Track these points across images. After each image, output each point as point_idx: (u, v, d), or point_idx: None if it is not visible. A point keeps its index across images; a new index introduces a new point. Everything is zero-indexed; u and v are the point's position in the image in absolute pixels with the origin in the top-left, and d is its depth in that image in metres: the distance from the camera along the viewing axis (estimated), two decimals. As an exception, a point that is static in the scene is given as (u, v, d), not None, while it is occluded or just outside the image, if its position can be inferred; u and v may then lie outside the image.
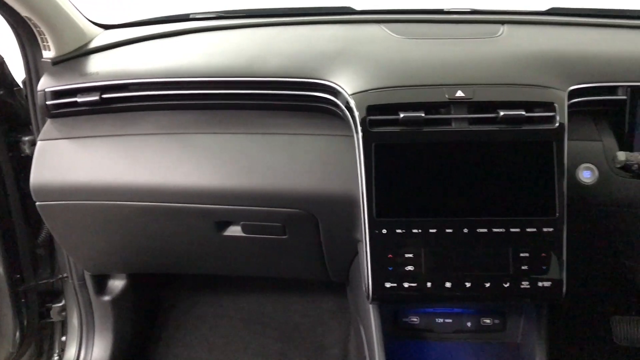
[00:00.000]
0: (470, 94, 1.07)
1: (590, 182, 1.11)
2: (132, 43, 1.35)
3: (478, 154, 1.06)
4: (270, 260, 1.39)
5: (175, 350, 1.81)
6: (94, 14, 1.45)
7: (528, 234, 1.05)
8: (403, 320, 1.24)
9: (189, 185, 1.18)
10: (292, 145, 1.17)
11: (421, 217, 1.07)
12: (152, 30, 1.42)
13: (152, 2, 1.84)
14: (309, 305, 1.86)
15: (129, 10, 1.78)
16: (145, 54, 1.31)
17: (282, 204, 1.18)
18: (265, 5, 1.62)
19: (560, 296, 1.06)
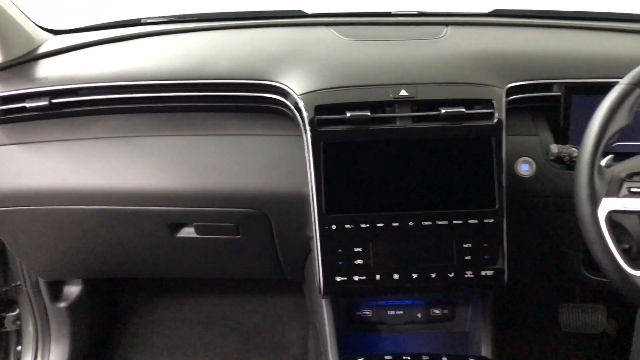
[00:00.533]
0: (413, 93, 1.11)
1: (528, 174, 1.16)
2: (82, 48, 1.35)
3: (422, 150, 1.10)
4: (225, 261, 1.41)
5: (134, 355, 1.81)
6: (43, 19, 1.45)
7: (470, 226, 1.10)
8: (356, 314, 1.27)
9: (140, 187, 1.19)
10: (244, 146, 1.20)
11: (369, 212, 1.10)
12: (103, 35, 1.42)
13: (103, 8, 1.83)
14: (267, 305, 1.88)
15: (80, 15, 1.78)
16: (95, 59, 1.32)
17: (234, 204, 1.20)
18: (216, 9, 1.65)
19: (502, 284, 1.11)
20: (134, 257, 1.40)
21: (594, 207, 0.93)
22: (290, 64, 1.21)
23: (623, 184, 0.94)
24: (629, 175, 0.94)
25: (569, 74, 1.20)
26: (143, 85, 1.22)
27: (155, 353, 1.81)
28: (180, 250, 1.35)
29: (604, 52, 1.28)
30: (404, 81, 1.14)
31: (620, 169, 0.96)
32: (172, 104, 1.24)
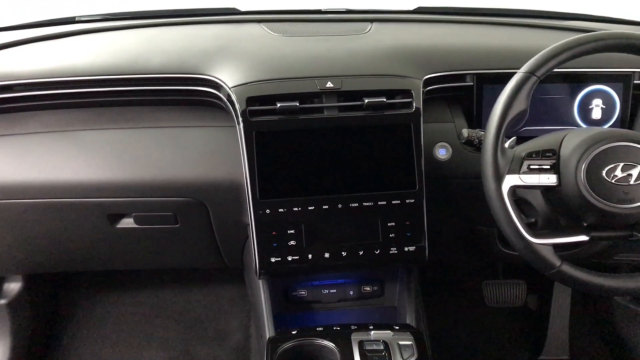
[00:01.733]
0: (338, 85, 1.20)
1: (445, 158, 1.26)
2: (17, 45, 1.37)
3: (348, 138, 1.19)
4: (166, 250, 1.45)
5: (78, 350, 1.82)
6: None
7: (394, 206, 1.19)
8: (292, 294, 1.34)
9: (78, 180, 1.23)
10: (179, 137, 1.25)
11: (300, 196, 1.17)
12: (37, 32, 1.44)
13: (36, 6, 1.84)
14: (209, 295, 1.93)
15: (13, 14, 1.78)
16: (30, 55, 1.34)
17: (171, 194, 1.25)
18: (150, 7, 1.68)
19: (424, 259, 1.20)
20: (75, 250, 1.43)
21: (498, 183, 1.03)
22: (222, 58, 1.27)
23: (523, 162, 1.04)
24: (528, 154, 1.05)
25: (480, 65, 1.30)
26: (77, 81, 1.25)
27: (99, 347, 1.83)
28: (120, 241, 1.39)
29: (511, 45, 1.40)
30: (331, 73, 1.22)
31: (521, 149, 1.07)
32: (107, 99, 1.28)
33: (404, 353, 1.04)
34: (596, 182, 1.01)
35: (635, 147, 1.01)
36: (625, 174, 1.00)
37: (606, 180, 1.01)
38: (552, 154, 1.05)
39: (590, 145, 1.02)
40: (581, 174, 1.01)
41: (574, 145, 1.04)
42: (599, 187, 1.00)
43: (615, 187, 1.00)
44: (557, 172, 1.04)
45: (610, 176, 1.01)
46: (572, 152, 1.03)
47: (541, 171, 1.04)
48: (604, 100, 1.32)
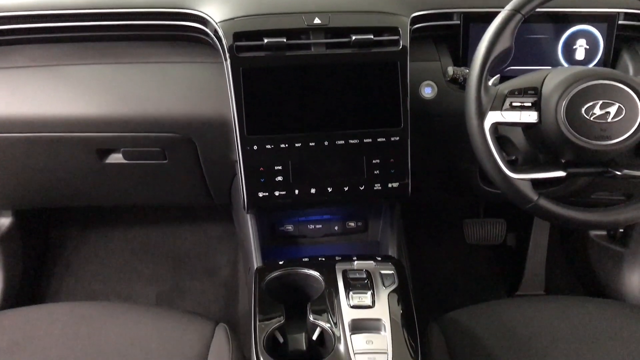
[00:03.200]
0: (326, 21, 1.19)
1: (430, 97, 1.28)
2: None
3: (335, 75, 1.20)
4: (154, 187, 1.48)
5: (68, 286, 1.86)
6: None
7: (379, 143, 1.21)
8: (279, 229, 1.38)
9: (66, 114, 1.23)
10: (166, 73, 1.25)
11: (287, 133, 1.19)
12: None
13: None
14: (197, 232, 1.97)
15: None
16: None
17: (159, 129, 1.26)
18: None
19: (406, 195, 1.24)
20: (64, 185, 1.44)
21: (480, 119, 1.06)
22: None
23: (506, 99, 1.07)
24: (511, 92, 1.07)
25: (466, 3, 1.31)
26: (62, 15, 1.24)
27: (89, 282, 1.87)
28: (109, 176, 1.41)
29: None
30: (318, 9, 1.21)
31: (504, 87, 1.09)
32: (93, 34, 1.27)
33: (385, 281, 1.09)
34: (575, 119, 1.03)
35: (615, 85, 1.04)
36: (603, 111, 1.03)
37: (585, 117, 1.03)
38: (534, 92, 1.07)
39: (571, 84, 1.04)
40: (561, 111, 1.03)
41: (555, 83, 1.06)
42: (577, 125, 1.03)
43: (593, 125, 1.03)
44: (538, 110, 1.07)
45: (589, 114, 1.03)
46: (553, 90, 1.05)
47: (522, 108, 1.07)
48: (587, 40, 1.33)
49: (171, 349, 1.13)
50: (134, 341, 1.13)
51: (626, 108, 1.03)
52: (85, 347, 1.12)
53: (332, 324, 1.02)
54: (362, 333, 1.00)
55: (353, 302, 1.04)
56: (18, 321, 1.18)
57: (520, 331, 1.19)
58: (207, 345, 1.14)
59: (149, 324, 1.18)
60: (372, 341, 0.99)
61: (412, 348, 0.99)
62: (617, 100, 1.03)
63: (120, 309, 1.23)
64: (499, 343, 1.17)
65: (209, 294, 1.88)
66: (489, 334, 1.19)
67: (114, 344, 1.13)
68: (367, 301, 1.04)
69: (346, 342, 0.98)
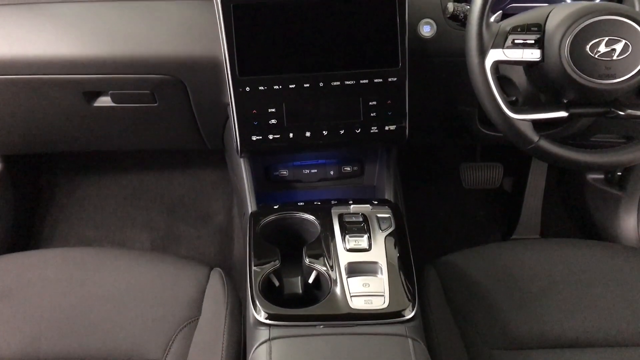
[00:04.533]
0: None
1: (429, 35, 1.23)
2: None
3: (330, 12, 1.14)
4: (145, 131, 1.44)
5: (61, 232, 1.85)
6: None
7: (375, 84, 1.17)
8: (274, 174, 1.36)
9: (50, 54, 1.18)
10: (153, 12, 1.19)
11: (281, 74, 1.15)
12: None
13: None
14: (191, 178, 1.95)
15: None
16: None
17: (148, 70, 1.22)
18: None
19: (404, 139, 1.21)
20: (53, 130, 1.41)
21: (481, 57, 1.02)
22: None
23: (508, 37, 1.02)
24: (513, 29, 1.03)
25: None
26: None
27: (82, 227, 1.86)
28: (98, 120, 1.37)
29: None
30: None
31: (506, 24, 1.04)
32: None
33: (382, 224, 1.07)
34: (579, 57, 1.00)
35: (622, 20, 0.99)
36: (609, 48, 0.99)
37: (589, 55, 1.00)
38: (537, 29, 1.03)
39: (576, 19, 1.00)
40: (565, 49, 1.00)
41: (559, 19, 1.02)
42: (581, 63, 1.00)
43: (598, 62, 1.00)
44: (541, 47, 1.03)
45: (593, 51, 1.00)
46: (558, 26, 1.01)
47: (525, 46, 1.03)
48: (594, -27, 1.28)
49: (166, 293, 1.12)
50: (128, 286, 1.13)
51: (633, 45, 0.99)
52: (79, 293, 1.11)
53: (328, 267, 1.01)
54: (358, 276, 0.99)
55: (349, 245, 1.02)
56: (10, 267, 1.17)
57: (516, 273, 1.19)
58: (202, 290, 1.14)
59: (143, 270, 1.17)
60: (369, 284, 0.98)
61: (408, 291, 0.98)
62: (624, 37, 0.99)
63: (114, 255, 1.21)
64: (495, 285, 1.17)
65: (204, 239, 1.87)
66: (485, 277, 1.19)
67: (108, 289, 1.12)
68: (363, 244, 1.02)
69: (342, 285, 0.98)
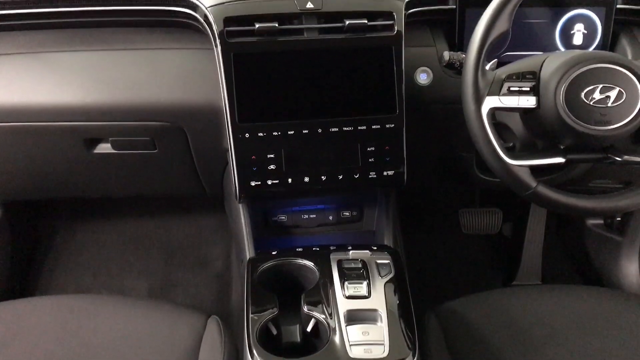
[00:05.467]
0: (319, 5, 1.16)
1: (426, 83, 1.26)
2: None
3: (328, 61, 1.17)
4: (144, 177, 1.45)
5: (58, 279, 1.83)
6: None
7: (373, 130, 1.18)
8: (272, 219, 1.35)
9: (52, 102, 1.20)
10: (155, 59, 1.22)
11: (280, 120, 1.16)
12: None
13: None
14: (189, 224, 1.94)
15: None
16: None
17: (148, 117, 1.23)
18: None
19: (402, 183, 1.21)
20: (53, 176, 1.41)
21: (478, 104, 1.03)
22: None
23: (503, 84, 1.04)
24: (508, 76, 1.05)
25: None
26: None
27: (80, 275, 1.84)
28: (98, 167, 1.37)
29: None
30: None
31: (501, 71, 1.06)
32: (80, 19, 1.24)
33: (381, 271, 1.06)
34: (574, 104, 1.01)
35: (615, 68, 1.01)
36: (603, 95, 1.01)
37: (584, 102, 1.01)
38: (532, 76, 1.05)
39: (571, 67, 1.02)
40: (560, 95, 1.01)
41: (554, 67, 1.03)
42: (577, 109, 1.01)
43: (593, 109, 1.01)
44: (536, 94, 1.04)
45: (588, 98, 1.01)
46: (552, 74, 1.03)
47: (521, 93, 1.04)
48: (585, 25, 1.31)
49: (162, 342, 1.10)
50: (125, 335, 1.11)
51: (626, 92, 1.01)
52: (75, 341, 1.09)
53: (327, 314, 0.99)
54: (357, 324, 0.98)
55: (348, 292, 1.01)
56: (6, 315, 1.15)
57: (518, 321, 1.17)
58: (199, 339, 1.12)
59: (139, 317, 1.15)
60: (368, 332, 0.96)
61: (409, 339, 0.97)
62: (618, 84, 1.01)
63: (111, 302, 1.20)
64: (497, 333, 1.15)
65: (201, 286, 1.85)
66: (486, 324, 1.17)
67: (104, 337, 1.10)
68: (362, 291, 1.01)
69: (341, 334, 0.96)
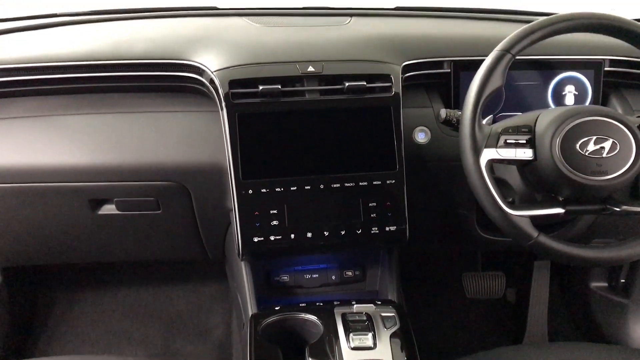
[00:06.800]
0: (319, 69, 1.22)
1: (424, 142, 1.29)
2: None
3: (329, 120, 1.21)
4: (147, 240, 1.45)
5: (56, 348, 1.79)
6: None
7: (374, 187, 1.21)
8: (275, 279, 1.35)
9: (58, 163, 1.23)
10: (161, 122, 1.26)
11: (282, 177, 1.19)
12: (17, 24, 1.45)
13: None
14: (189, 292, 1.92)
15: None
16: (11, 44, 1.34)
17: (153, 177, 1.26)
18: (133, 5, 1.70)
19: (404, 239, 1.22)
20: (55, 239, 1.41)
21: (476, 156, 1.06)
22: (204, 45, 1.29)
23: (500, 137, 1.07)
24: (504, 130, 1.08)
25: (456, 52, 1.34)
26: (60, 67, 1.26)
27: (78, 344, 1.80)
28: (102, 229, 1.38)
29: (485, 34, 1.45)
30: (311, 58, 1.24)
31: (497, 126, 1.09)
32: (89, 85, 1.28)
33: (386, 323, 1.05)
34: (570, 155, 1.04)
35: (606, 121, 1.05)
36: (598, 146, 1.04)
37: (580, 153, 1.04)
38: (527, 130, 1.08)
39: (564, 120, 1.05)
40: (556, 147, 1.04)
41: (548, 120, 1.07)
42: (573, 160, 1.04)
43: (589, 160, 1.04)
44: (532, 147, 1.07)
45: (583, 149, 1.04)
46: (547, 127, 1.06)
47: (517, 145, 1.07)
48: (576, 86, 1.36)
49: None
50: None
51: (620, 143, 1.04)
52: None
53: None
54: None
55: (354, 343, 1.00)
56: None
57: None
58: None
59: None
60: (375, 383, 0.95)
61: None
62: (611, 136, 1.04)
63: None
64: None
65: (202, 356, 1.81)
66: None
67: None
68: (368, 342, 1.00)
69: None
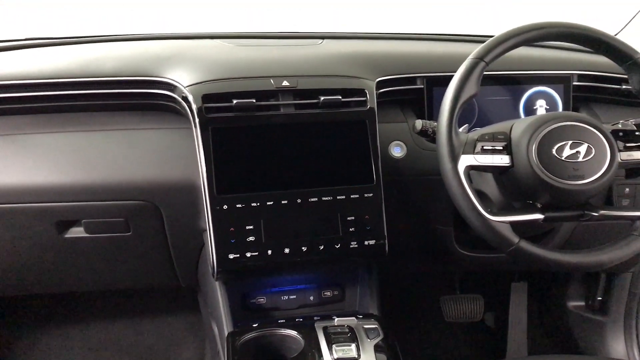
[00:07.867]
0: (294, 83, 1.21)
1: (400, 156, 1.29)
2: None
3: (305, 134, 1.19)
4: (116, 265, 1.39)
5: None
6: None
7: (352, 200, 1.19)
8: (251, 302, 1.30)
9: (24, 183, 1.18)
10: (131, 139, 1.22)
11: (258, 191, 1.16)
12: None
13: None
14: (161, 325, 1.85)
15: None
16: None
17: (123, 196, 1.21)
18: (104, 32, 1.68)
19: (384, 253, 1.20)
20: (20, 266, 1.35)
21: (454, 163, 1.05)
22: (176, 62, 1.27)
23: (477, 144, 1.07)
24: (481, 137, 1.08)
25: (429, 69, 1.35)
26: (27, 84, 1.22)
27: None
28: (69, 254, 1.32)
29: (457, 51, 1.47)
30: (286, 74, 1.23)
31: (473, 134, 1.09)
32: (58, 104, 1.25)
33: (370, 334, 1.02)
34: (547, 160, 1.04)
35: (580, 125, 1.06)
36: (574, 151, 1.04)
37: (556, 157, 1.04)
38: (503, 137, 1.09)
39: (539, 126, 1.06)
40: (533, 152, 1.04)
41: (523, 127, 1.08)
42: (550, 165, 1.04)
43: (566, 164, 1.04)
44: (509, 153, 1.07)
45: (560, 154, 1.04)
46: (522, 133, 1.07)
47: (494, 152, 1.07)
48: (547, 100, 1.38)
49: None
50: None
51: (595, 147, 1.05)
52: None
53: None
54: None
55: (337, 354, 0.96)
56: None
57: None
58: None
59: None
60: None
61: None
62: (586, 140, 1.05)
63: None
64: None
65: (174, 392, 1.73)
66: None
67: None
68: (352, 353, 0.96)
69: None
